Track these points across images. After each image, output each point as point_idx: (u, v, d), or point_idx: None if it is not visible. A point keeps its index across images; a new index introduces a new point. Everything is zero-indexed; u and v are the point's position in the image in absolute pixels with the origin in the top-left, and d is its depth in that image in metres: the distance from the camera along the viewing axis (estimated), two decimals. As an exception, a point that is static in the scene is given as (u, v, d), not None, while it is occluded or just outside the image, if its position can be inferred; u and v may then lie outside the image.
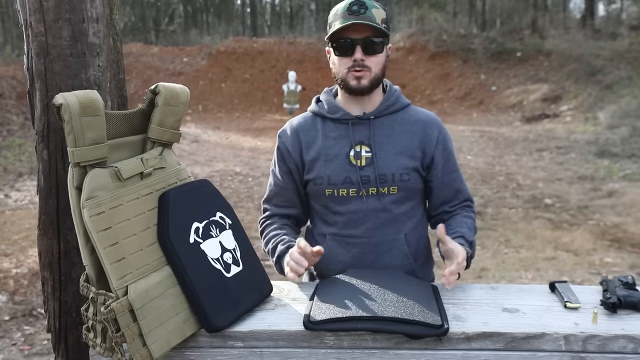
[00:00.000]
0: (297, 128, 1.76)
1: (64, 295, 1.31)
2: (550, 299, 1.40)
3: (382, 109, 1.72)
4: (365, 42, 1.60)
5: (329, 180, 1.68)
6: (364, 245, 1.69)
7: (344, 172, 1.68)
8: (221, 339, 1.26)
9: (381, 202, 1.67)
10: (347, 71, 1.63)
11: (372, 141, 1.68)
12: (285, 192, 1.78)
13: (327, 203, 1.71)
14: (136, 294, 1.14)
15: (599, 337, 1.21)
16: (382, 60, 1.66)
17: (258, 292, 1.37)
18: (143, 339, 1.14)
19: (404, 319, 1.23)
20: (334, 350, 1.25)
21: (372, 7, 1.61)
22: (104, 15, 1.24)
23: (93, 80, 1.24)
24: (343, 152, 1.68)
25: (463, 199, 1.78)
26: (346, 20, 1.58)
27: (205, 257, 1.27)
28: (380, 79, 1.69)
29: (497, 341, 1.23)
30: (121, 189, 1.18)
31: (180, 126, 1.35)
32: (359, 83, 1.63)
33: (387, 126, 1.71)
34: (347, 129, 1.70)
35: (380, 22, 1.61)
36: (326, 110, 1.73)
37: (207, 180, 1.39)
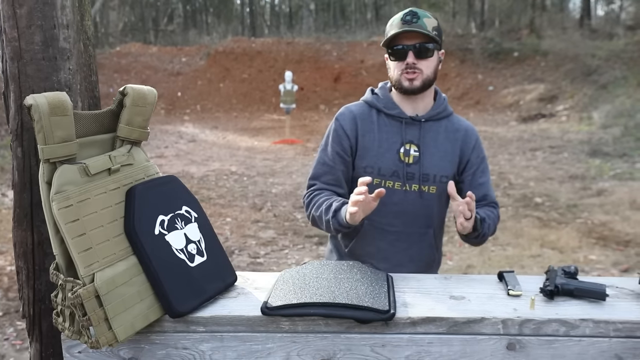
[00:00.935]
0: (356, 114, 1.90)
1: (38, 284, 1.40)
2: (497, 287, 1.49)
3: (433, 114, 1.88)
4: (417, 48, 1.76)
5: (379, 171, 1.84)
6: (399, 234, 1.86)
7: (393, 166, 1.84)
8: (184, 324, 1.35)
9: (421, 198, 1.84)
10: (401, 74, 1.80)
11: (420, 142, 1.85)
12: (334, 171, 1.89)
13: (372, 191, 1.81)
14: (102, 281, 1.23)
15: (534, 322, 1.30)
16: (433, 64, 1.82)
17: (221, 281, 1.46)
18: (109, 322, 1.23)
19: (353, 304, 1.32)
20: (290, 335, 1.34)
21: (424, 16, 1.79)
22: (74, 21, 1.33)
23: (64, 82, 1.33)
24: (394, 147, 1.84)
25: (489, 201, 1.93)
26: (400, 28, 1.76)
27: (170, 248, 1.36)
28: (432, 80, 1.84)
29: (440, 325, 1.32)
30: (89, 183, 1.27)
31: (149, 125, 1.44)
32: (412, 84, 1.80)
33: (434, 130, 1.87)
34: (400, 126, 1.85)
35: (432, 30, 1.77)
36: (382, 105, 1.88)
37: (174, 176, 1.48)
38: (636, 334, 1.28)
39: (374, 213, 1.83)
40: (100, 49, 23.66)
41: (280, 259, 5.26)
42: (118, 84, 19.80)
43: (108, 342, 1.23)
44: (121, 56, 21.88)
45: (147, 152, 1.43)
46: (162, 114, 18.47)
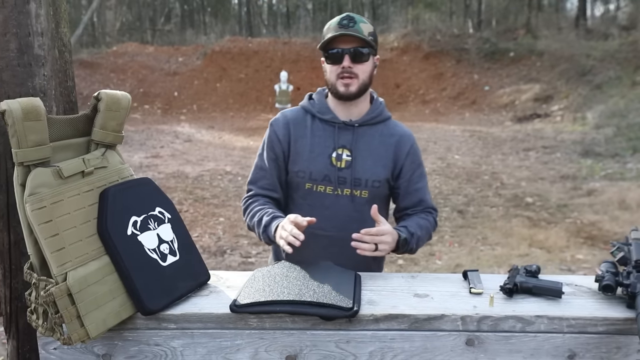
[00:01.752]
0: (289, 120, 1.94)
1: (14, 282, 1.45)
2: (460, 286, 1.54)
3: (367, 118, 1.91)
4: (353, 52, 1.81)
5: (311, 176, 1.87)
6: (331, 239, 1.87)
7: (325, 171, 1.87)
8: (156, 321, 1.40)
9: (352, 202, 1.88)
10: (337, 78, 1.84)
11: (353, 146, 1.88)
12: (269, 176, 1.93)
13: (305, 195, 1.89)
14: (74, 280, 1.28)
15: (492, 318, 1.35)
16: (368, 69, 1.87)
17: (194, 279, 1.51)
18: (81, 320, 1.28)
19: (318, 302, 1.37)
20: (257, 331, 1.39)
21: (360, 21, 1.83)
22: (49, 29, 1.38)
23: (39, 88, 1.38)
24: (326, 152, 1.88)
25: (425, 207, 1.96)
26: (336, 32, 1.79)
27: (142, 248, 1.41)
28: (367, 86, 1.89)
29: (402, 322, 1.37)
30: (63, 186, 1.32)
31: (123, 129, 1.49)
32: (347, 89, 1.84)
33: (368, 135, 1.90)
34: (333, 131, 1.89)
35: (367, 35, 1.82)
36: (317, 110, 1.92)
37: (148, 178, 1.53)
38: (588, 330, 1.34)
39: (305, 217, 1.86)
40: (97, 49, 23.70)
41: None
42: (115, 83, 19.83)
43: (80, 338, 1.28)
44: (118, 56, 21.91)
45: (143, 152, 1.48)
46: (158, 113, 18.51)
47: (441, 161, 10.02)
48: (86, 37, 27.57)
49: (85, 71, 20.15)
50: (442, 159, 10.26)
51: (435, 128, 14.55)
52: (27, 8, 1.32)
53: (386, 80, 19.84)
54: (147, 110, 18.62)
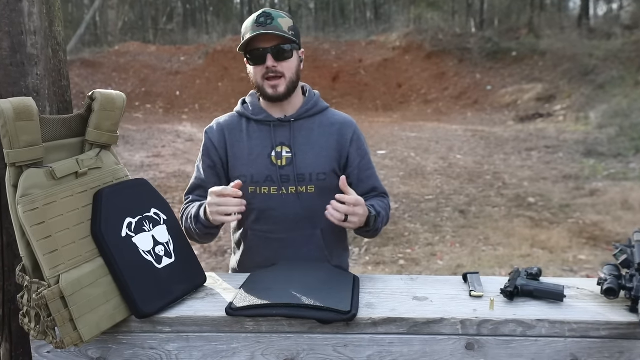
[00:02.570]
0: (224, 126, 1.88)
1: (8, 285, 1.43)
2: (460, 288, 1.52)
3: (302, 112, 1.85)
4: (275, 50, 1.73)
5: (252, 179, 1.81)
6: (283, 241, 1.82)
7: (266, 171, 1.81)
8: (150, 324, 1.38)
9: (299, 199, 1.81)
10: (263, 80, 1.77)
11: (292, 142, 1.82)
12: (206, 185, 1.83)
13: (249, 200, 1.80)
14: (67, 283, 1.26)
15: (492, 322, 1.33)
16: (294, 65, 1.79)
17: (189, 282, 1.49)
18: (74, 323, 1.26)
19: (315, 305, 1.34)
20: (254, 335, 1.37)
21: (278, 16, 1.75)
22: (42, 28, 1.35)
23: (32, 87, 1.36)
24: (265, 152, 1.82)
25: (379, 193, 1.92)
26: (255, 31, 1.71)
27: (137, 250, 1.39)
28: (296, 82, 1.82)
29: (401, 326, 1.35)
30: (56, 187, 1.30)
31: (118, 129, 1.47)
32: (276, 91, 1.77)
33: (306, 128, 1.85)
34: (269, 130, 1.83)
35: (288, 30, 1.74)
36: (250, 112, 1.86)
37: (143, 179, 1.51)
38: (590, 334, 1.31)
39: (255, 222, 1.84)
40: (99, 48, 23.70)
41: (271, 258, 5.28)
42: (117, 82, 19.83)
43: (73, 342, 1.26)
44: (120, 55, 21.90)
45: (144, 151, 1.45)
46: (160, 113, 18.50)
47: (443, 161, 9.99)
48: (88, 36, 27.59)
49: (87, 70, 20.15)
50: (444, 158, 10.23)
51: (437, 128, 14.51)
52: (19, 6, 1.30)
53: (388, 80, 19.81)
54: (149, 110, 18.62)
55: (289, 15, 1.81)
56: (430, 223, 6.30)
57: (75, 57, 21.09)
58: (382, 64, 20.73)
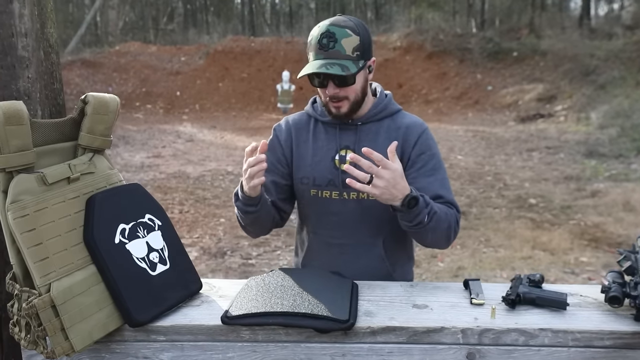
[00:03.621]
0: (292, 125, 1.84)
1: (-2, 292, 1.40)
2: (461, 296, 1.48)
3: (370, 115, 1.77)
4: (337, 78, 1.63)
5: (314, 182, 1.76)
6: (343, 247, 1.76)
7: (329, 175, 1.75)
8: (144, 333, 1.35)
9: (361, 206, 1.73)
10: (327, 101, 1.71)
11: (356, 146, 1.74)
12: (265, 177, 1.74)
13: (311, 203, 1.78)
14: (58, 291, 1.23)
15: (493, 331, 1.30)
16: (359, 86, 1.68)
17: (185, 289, 1.46)
18: (65, 332, 1.23)
19: (312, 314, 1.31)
20: (250, 344, 1.34)
21: (342, 37, 1.61)
22: (34, 30, 1.32)
23: (23, 90, 1.33)
24: (329, 155, 1.76)
25: (443, 202, 1.70)
26: (317, 55, 1.62)
27: (130, 257, 1.36)
28: (361, 101, 1.72)
29: (400, 335, 1.32)
30: (47, 192, 1.27)
31: (111, 133, 1.44)
32: (339, 111, 1.70)
33: (373, 132, 1.76)
34: (335, 132, 1.77)
35: (352, 52, 1.62)
36: (319, 113, 1.81)
37: (137, 184, 1.48)
38: (594, 344, 1.28)
39: (316, 226, 1.79)
40: (100, 48, 23.69)
41: (272, 260, 5.26)
42: (117, 83, 19.82)
43: (64, 352, 1.23)
44: (120, 55, 21.89)
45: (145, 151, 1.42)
46: (160, 113, 18.48)
47: (444, 161, 9.95)
48: (89, 36, 27.58)
49: (88, 70, 20.14)
50: (445, 159, 10.17)
51: (438, 128, 14.47)
52: (10, 8, 1.27)
53: (389, 80, 19.76)
54: (149, 110, 18.59)
55: (357, 29, 1.65)
56: (430, 224, 6.26)
57: (75, 57, 21.08)
58: (382, 64, 20.68)
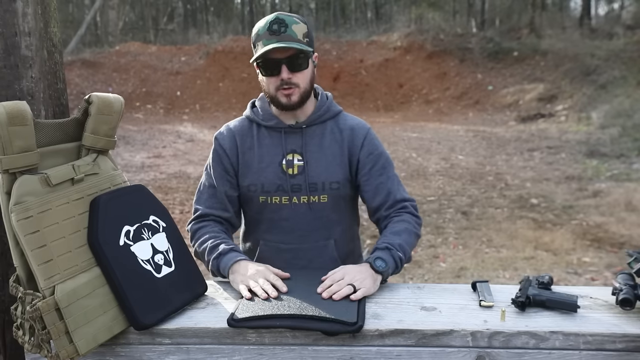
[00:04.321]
0: (235, 132, 1.80)
1: (1, 295, 1.39)
2: (469, 298, 1.47)
3: (314, 118, 1.77)
4: (290, 61, 1.63)
5: (263, 188, 1.74)
6: (295, 252, 1.76)
7: (277, 180, 1.73)
8: (149, 336, 1.33)
9: (311, 209, 1.74)
10: (276, 90, 1.68)
11: (303, 150, 1.74)
12: (218, 194, 1.77)
13: (260, 209, 1.76)
14: (63, 294, 1.21)
15: (504, 334, 1.28)
16: (308, 75, 1.70)
17: (190, 291, 1.44)
18: (69, 336, 1.21)
19: (320, 316, 1.30)
20: (256, 347, 1.32)
21: (292, 23, 1.63)
22: (37, 29, 1.31)
23: (26, 90, 1.31)
24: (276, 160, 1.74)
25: (395, 201, 1.76)
26: (268, 41, 1.61)
27: (135, 259, 1.34)
28: (309, 91, 1.73)
29: (409, 338, 1.30)
30: (51, 194, 1.25)
31: (115, 134, 1.42)
32: (289, 100, 1.68)
33: (318, 135, 1.76)
34: (280, 137, 1.75)
35: (302, 37, 1.64)
36: (260, 118, 1.78)
37: (141, 185, 1.46)
38: (606, 347, 1.26)
39: (266, 232, 1.78)
40: (100, 48, 23.66)
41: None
42: (117, 83, 19.79)
43: (69, 355, 1.21)
44: (120, 55, 21.86)
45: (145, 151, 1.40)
46: (161, 113, 18.46)
47: (445, 162, 9.94)
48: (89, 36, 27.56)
49: (88, 71, 20.12)
50: (446, 159, 10.18)
51: (438, 128, 14.47)
52: (13, 6, 1.25)
53: (389, 80, 19.75)
54: (150, 110, 18.57)
55: (302, 19, 1.69)
56: (432, 224, 6.25)
57: (75, 58, 21.06)
58: (383, 64, 20.68)
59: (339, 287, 1.43)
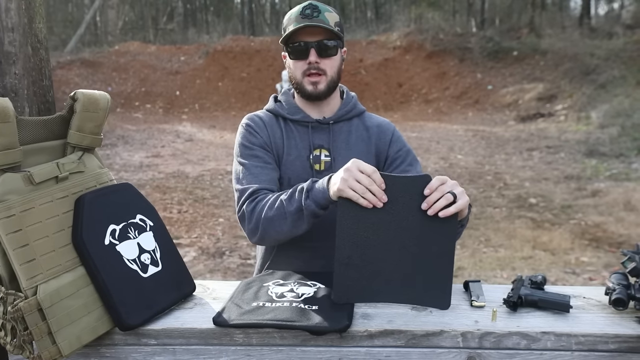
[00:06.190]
0: (264, 120, 1.75)
1: (-16, 295, 1.36)
2: (461, 297, 1.45)
3: (342, 114, 1.75)
4: (319, 45, 1.64)
5: (290, 182, 1.69)
6: (316, 250, 1.65)
7: (305, 175, 1.69)
8: (135, 337, 1.31)
9: (336, 206, 1.66)
10: (303, 76, 1.67)
11: (331, 146, 1.71)
12: (268, 170, 1.65)
13: None
14: (45, 294, 1.19)
15: (494, 334, 1.26)
16: (337, 64, 1.69)
17: (177, 291, 1.42)
18: (52, 336, 1.19)
19: (307, 326, 1.27)
20: (243, 348, 1.30)
21: (325, 10, 1.65)
22: (21, 24, 1.29)
23: (10, 87, 1.29)
24: (303, 154, 1.71)
25: None
26: (299, 23, 1.61)
27: (121, 258, 1.32)
28: (337, 82, 1.72)
29: (399, 338, 1.28)
30: (34, 192, 1.23)
31: (102, 131, 1.40)
32: (316, 88, 1.67)
33: (345, 131, 1.75)
34: (307, 132, 1.73)
35: (334, 26, 1.65)
36: (286, 111, 1.75)
37: (128, 183, 1.44)
38: (598, 348, 1.24)
39: None
40: (99, 48, 23.66)
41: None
42: (116, 82, 19.79)
43: (52, 357, 1.19)
44: (120, 55, 21.86)
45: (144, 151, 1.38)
46: (160, 112, 18.45)
47: (444, 161, 9.93)
48: (88, 36, 27.55)
49: (87, 70, 20.11)
50: (445, 158, 10.16)
51: (437, 127, 14.45)
52: (-5, 2, 1.23)
53: (389, 80, 19.74)
54: (149, 110, 18.56)
55: (336, 10, 1.69)
56: (430, 224, 6.22)
57: (75, 57, 21.05)
58: (382, 64, 20.67)
59: (441, 194, 1.29)
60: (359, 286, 1.36)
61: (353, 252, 1.35)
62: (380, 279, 1.36)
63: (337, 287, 1.36)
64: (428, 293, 1.36)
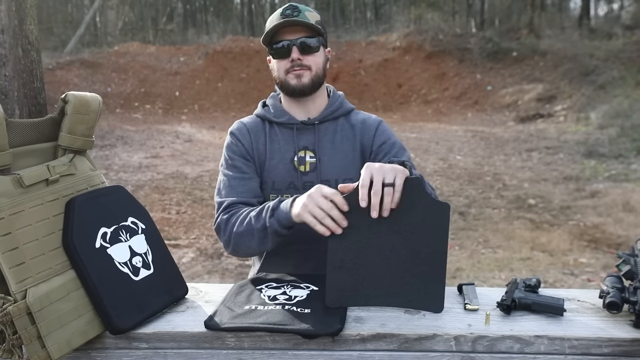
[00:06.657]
0: (248, 127, 1.77)
1: (-26, 298, 1.35)
2: (455, 300, 1.44)
3: (327, 114, 1.75)
4: (301, 42, 1.65)
5: (273, 186, 1.70)
6: (305, 253, 1.64)
7: (288, 178, 1.69)
8: (126, 340, 1.30)
9: None
10: (286, 73, 1.67)
11: (316, 147, 1.71)
12: (247, 182, 1.68)
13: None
14: (35, 297, 1.18)
15: (488, 338, 1.25)
16: (320, 60, 1.70)
17: (169, 294, 1.41)
18: (42, 341, 1.18)
19: (299, 329, 1.27)
20: (235, 351, 1.29)
21: (305, 10, 1.67)
22: (11, 26, 1.28)
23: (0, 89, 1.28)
24: (287, 157, 1.71)
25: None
26: (280, 23, 1.64)
27: (112, 261, 1.31)
28: (322, 79, 1.72)
29: (391, 342, 1.27)
30: (23, 195, 1.22)
31: (93, 133, 1.39)
32: (300, 81, 1.67)
33: (331, 132, 1.74)
34: (292, 134, 1.72)
35: (315, 23, 1.66)
36: (272, 115, 1.76)
37: (120, 186, 1.43)
38: (592, 351, 1.23)
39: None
40: (99, 48, 23.65)
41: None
42: (116, 83, 19.77)
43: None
44: (119, 55, 21.84)
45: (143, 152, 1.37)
46: (159, 113, 18.43)
47: (443, 162, 9.91)
48: (88, 36, 27.54)
49: (87, 71, 20.09)
50: (444, 159, 10.15)
51: (437, 128, 14.44)
52: (-15, 3, 1.22)
53: (388, 80, 19.72)
54: (148, 110, 18.55)
55: (316, 11, 1.73)
56: (429, 225, 6.21)
57: (74, 58, 21.04)
58: (382, 64, 20.64)
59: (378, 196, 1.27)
60: (351, 290, 1.36)
61: (345, 256, 1.34)
62: (373, 283, 1.35)
63: (329, 290, 1.36)
64: (421, 296, 1.35)
